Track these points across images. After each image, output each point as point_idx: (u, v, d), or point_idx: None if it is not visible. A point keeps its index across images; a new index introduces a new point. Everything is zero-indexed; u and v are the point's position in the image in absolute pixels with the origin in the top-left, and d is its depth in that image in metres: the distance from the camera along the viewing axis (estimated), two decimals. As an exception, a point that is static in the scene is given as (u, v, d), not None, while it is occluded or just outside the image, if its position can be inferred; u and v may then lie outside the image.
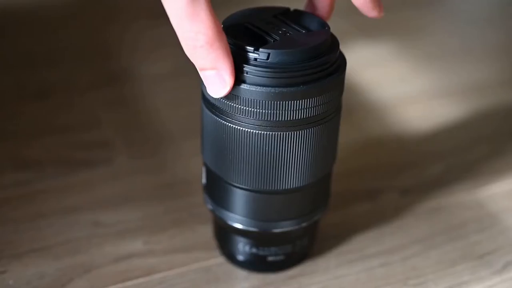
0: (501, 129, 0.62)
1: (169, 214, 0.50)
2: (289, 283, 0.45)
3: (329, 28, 0.39)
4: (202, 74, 0.37)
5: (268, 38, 0.38)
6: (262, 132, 0.38)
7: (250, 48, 0.37)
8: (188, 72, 0.64)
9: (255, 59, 0.37)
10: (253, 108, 0.38)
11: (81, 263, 0.46)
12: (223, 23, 0.40)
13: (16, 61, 0.68)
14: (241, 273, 0.46)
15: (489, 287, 0.46)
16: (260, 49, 0.37)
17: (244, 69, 0.37)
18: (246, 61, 0.37)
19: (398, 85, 0.68)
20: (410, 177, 0.55)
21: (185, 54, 0.36)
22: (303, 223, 0.43)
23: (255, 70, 0.37)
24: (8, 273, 0.45)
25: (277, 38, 0.38)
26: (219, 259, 0.47)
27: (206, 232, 0.49)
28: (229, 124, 0.39)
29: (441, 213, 0.52)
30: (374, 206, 0.52)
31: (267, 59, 0.37)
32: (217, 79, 0.36)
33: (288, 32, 0.39)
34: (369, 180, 0.55)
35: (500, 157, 0.58)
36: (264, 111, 0.38)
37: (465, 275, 0.46)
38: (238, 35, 0.38)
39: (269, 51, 0.37)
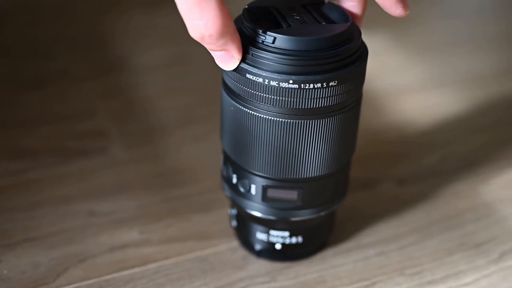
0: (498, 119, 0.62)
1: (164, 204, 0.50)
2: (285, 272, 0.45)
3: (350, 20, 0.39)
4: (211, 53, 0.38)
5: (286, 25, 0.38)
6: (283, 120, 0.38)
7: (272, 34, 0.37)
8: (183, 61, 0.64)
9: (276, 47, 0.37)
10: (274, 95, 0.37)
11: (76, 252, 0.46)
12: (249, 4, 0.39)
13: (11, 51, 0.68)
14: (237, 262, 0.46)
15: (486, 276, 0.46)
16: (280, 35, 0.37)
17: (265, 56, 0.37)
18: (269, 48, 0.37)
19: (395, 75, 0.67)
20: (406, 167, 0.55)
21: (181, 44, 0.36)
22: (322, 212, 0.43)
23: (277, 58, 0.37)
24: (3, 263, 0.45)
25: (296, 25, 0.38)
26: (215, 249, 0.47)
27: (202, 221, 0.49)
28: (250, 111, 0.39)
29: (437, 203, 0.52)
30: (370, 195, 0.52)
31: (287, 45, 0.37)
32: (226, 57, 0.37)
33: (308, 21, 0.38)
34: (365, 170, 0.54)
35: (497, 147, 0.58)
36: (285, 98, 0.37)
37: (461, 264, 0.46)
38: (260, 19, 0.38)
39: (290, 37, 0.37)
